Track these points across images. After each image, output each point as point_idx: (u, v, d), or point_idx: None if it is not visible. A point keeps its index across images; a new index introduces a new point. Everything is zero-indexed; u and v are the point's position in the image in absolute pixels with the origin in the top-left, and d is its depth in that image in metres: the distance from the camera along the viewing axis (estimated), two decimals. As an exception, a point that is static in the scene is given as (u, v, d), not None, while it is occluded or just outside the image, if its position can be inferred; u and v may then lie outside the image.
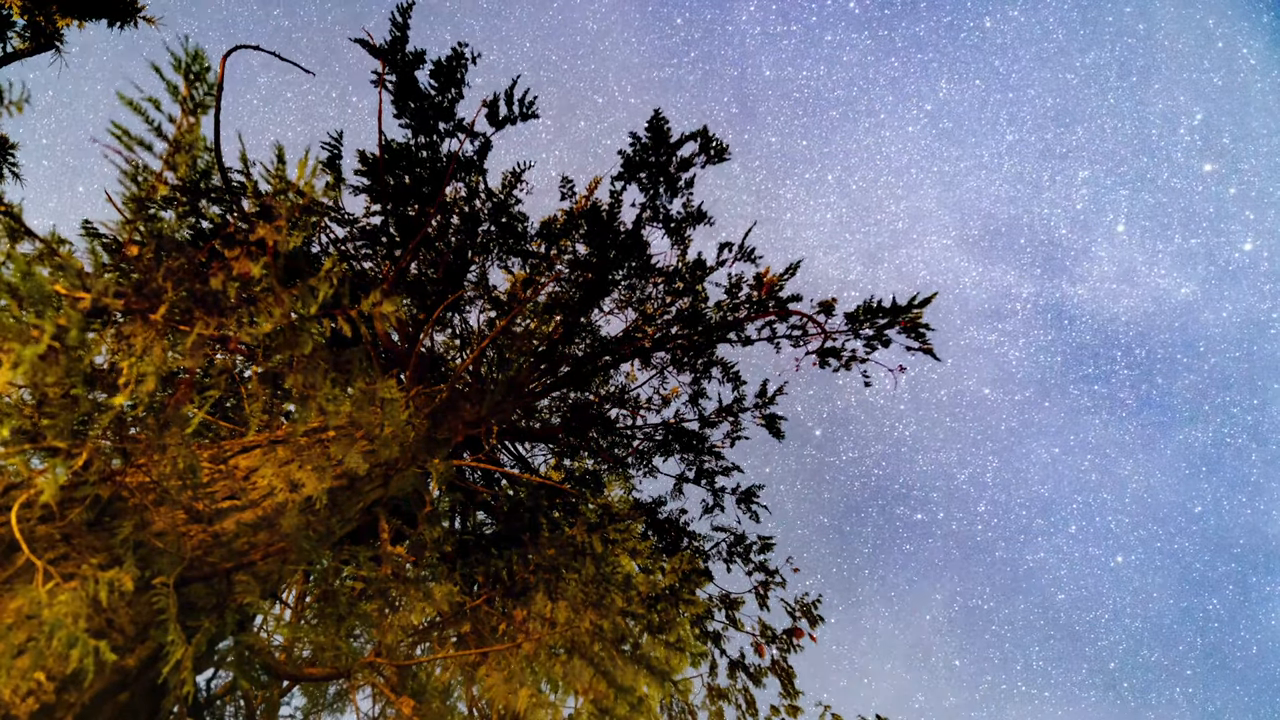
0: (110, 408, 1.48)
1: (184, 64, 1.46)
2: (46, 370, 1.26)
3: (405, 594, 3.12)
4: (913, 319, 4.49)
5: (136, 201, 1.46)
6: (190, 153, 1.50)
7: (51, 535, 1.47)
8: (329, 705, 4.26)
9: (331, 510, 2.42)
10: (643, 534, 5.67)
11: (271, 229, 1.49)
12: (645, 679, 3.29)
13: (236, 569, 1.82)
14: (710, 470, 6.02)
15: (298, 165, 1.47)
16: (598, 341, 5.78)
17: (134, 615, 1.48)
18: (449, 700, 3.49)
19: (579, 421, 6.03)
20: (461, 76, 4.21)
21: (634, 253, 5.22)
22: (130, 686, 1.44)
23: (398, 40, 3.98)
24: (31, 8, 3.61)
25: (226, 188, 3.13)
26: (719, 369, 5.88)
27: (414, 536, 3.32)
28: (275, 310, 1.53)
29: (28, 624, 1.28)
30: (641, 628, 3.58)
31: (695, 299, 5.41)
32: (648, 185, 4.91)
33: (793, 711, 4.26)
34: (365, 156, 4.35)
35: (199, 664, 1.77)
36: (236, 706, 3.45)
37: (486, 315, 5.59)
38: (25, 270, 1.19)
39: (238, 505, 2.02)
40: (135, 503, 1.70)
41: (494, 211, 4.99)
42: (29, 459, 1.40)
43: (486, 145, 4.55)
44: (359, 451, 2.52)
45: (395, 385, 2.26)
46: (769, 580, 5.32)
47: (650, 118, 4.61)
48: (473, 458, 4.70)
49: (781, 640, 4.85)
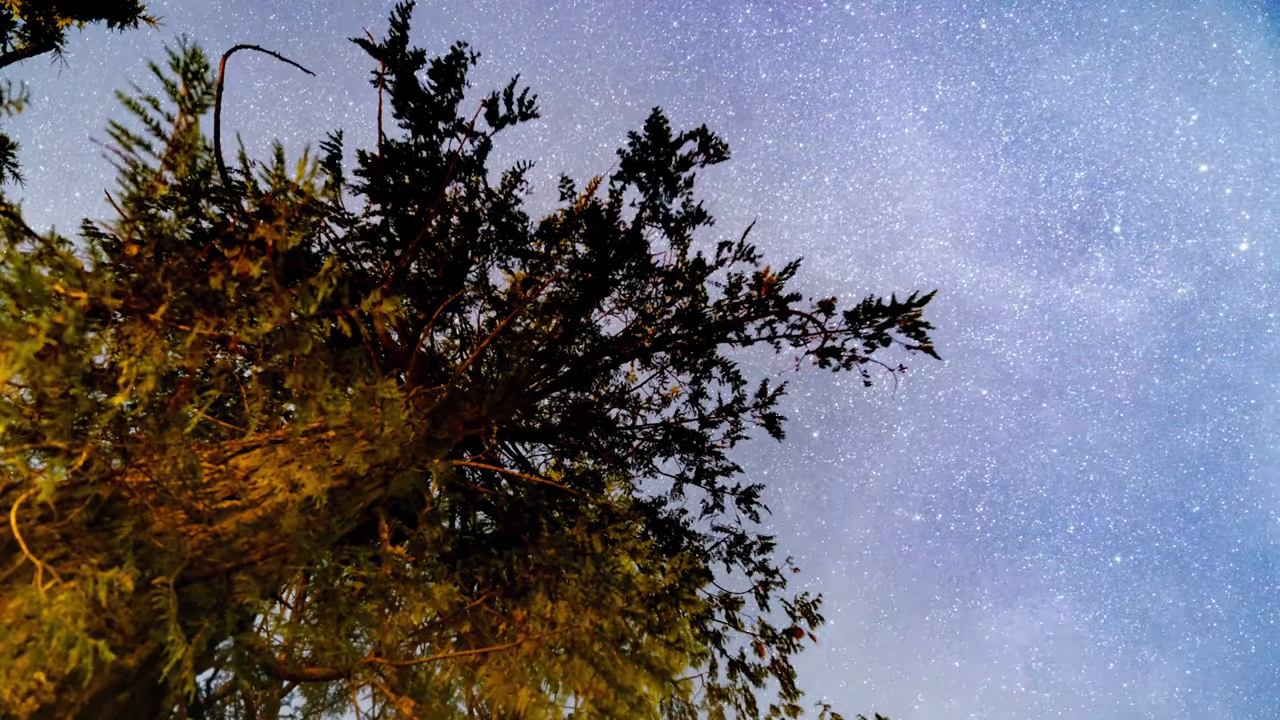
0: (110, 407, 1.48)
1: (182, 63, 1.46)
2: (45, 369, 1.26)
3: (405, 594, 3.12)
4: (912, 318, 4.49)
5: (136, 201, 1.45)
6: (189, 152, 1.50)
7: (51, 535, 1.47)
8: (329, 705, 4.26)
9: (331, 510, 2.42)
10: (643, 534, 5.67)
11: (271, 229, 1.49)
12: (645, 679, 3.29)
13: (236, 569, 1.82)
14: (710, 470, 6.01)
15: (297, 165, 1.47)
16: (598, 341, 5.78)
17: (134, 615, 1.48)
18: (449, 700, 3.49)
19: (579, 421, 6.03)
20: (461, 76, 4.21)
21: (634, 252, 5.22)
22: (130, 686, 1.44)
23: (397, 40, 3.97)
24: (31, 8, 3.61)
25: (226, 187, 3.13)
26: (719, 369, 5.88)
27: (414, 536, 3.32)
28: (275, 310, 1.53)
29: (27, 624, 1.28)
30: (641, 627, 3.57)
31: (695, 298, 5.41)
32: (647, 185, 4.90)
33: (793, 711, 4.26)
34: (365, 156, 4.35)
35: (199, 664, 1.77)
36: (236, 706, 3.45)
37: (486, 315, 5.59)
38: (23, 269, 1.19)
39: (238, 505, 2.02)
40: (135, 503, 1.70)
41: (494, 211, 4.99)
42: (28, 459, 1.40)
43: (486, 145, 4.55)
44: (359, 451, 2.52)
45: (395, 385, 2.26)
46: (769, 580, 5.32)
47: (649, 117, 4.61)
48: (473, 458, 4.70)
49: (781, 640, 4.85)
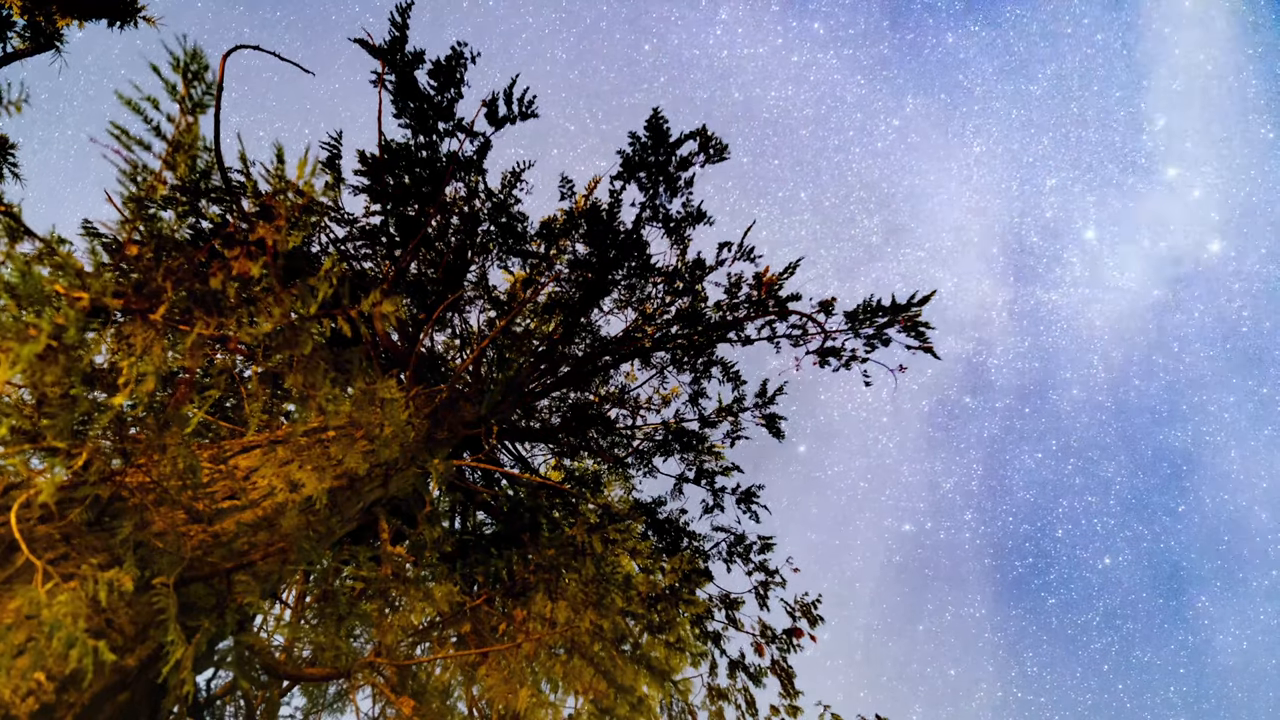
0: (110, 407, 1.48)
1: (182, 63, 1.46)
2: (45, 370, 1.26)
3: (405, 594, 3.12)
4: (912, 318, 4.49)
5: (136, 201, 1.45)
6: (190, 152, 1.50)
7: (51, 535, 1.47)
8: (329, 705, 4.26)
9: (331, 510, 2.42)
10: (643, 534, 5.67)
11: (271, 229, 1.49)
12: (645, 679, 3.29)
13: (236, 569, 1.82)
14: (710, 470, 6.01)
15: (297, 165, 1.47)
16: (598, 341, 5.78)
17: (134, 615, 1.48)
18: (449, 700, 3.49)
19: (579, 421, 6.03)
20: (461, 76, 4.21)
21: (634, 252, 5.22)
22: (130, 686, 1.44)
23: (397, 40, 3.97)
24: (31, 8, 3.61)
25: (226, 187, 3.13)
26: (719, 369, 5.87)
27: (414, 536, 3.32)
28: (275, 310, 1.53)
29: (27, 624, 1.28)
30: (641, 627, 3.57)
31: (695, 298, 5.41)
32: (647, 185, 4.90)
33: (793, 711, 4.26)
34: (365, 156, 4.35)
35: (199, 664, 1.77)
36: (236, 706, 3.45)
37: (486, 315, 5.59)
38: (24, 269, 1.19)
39: (238, 505, 2.02)
40: (135, 503, 1.70)
41: (494, 211, 4.99)
42: (28, 459, 1.40)
43: (486, 145, 4.55)
44: (359, 451, 2.52)
45: (395, 385, 2.26)
46: (769, 580, 5.32)
47: (649, 117, 4.61)
48: (473, 458, 4.70)
49: (781, 640, 4.85)
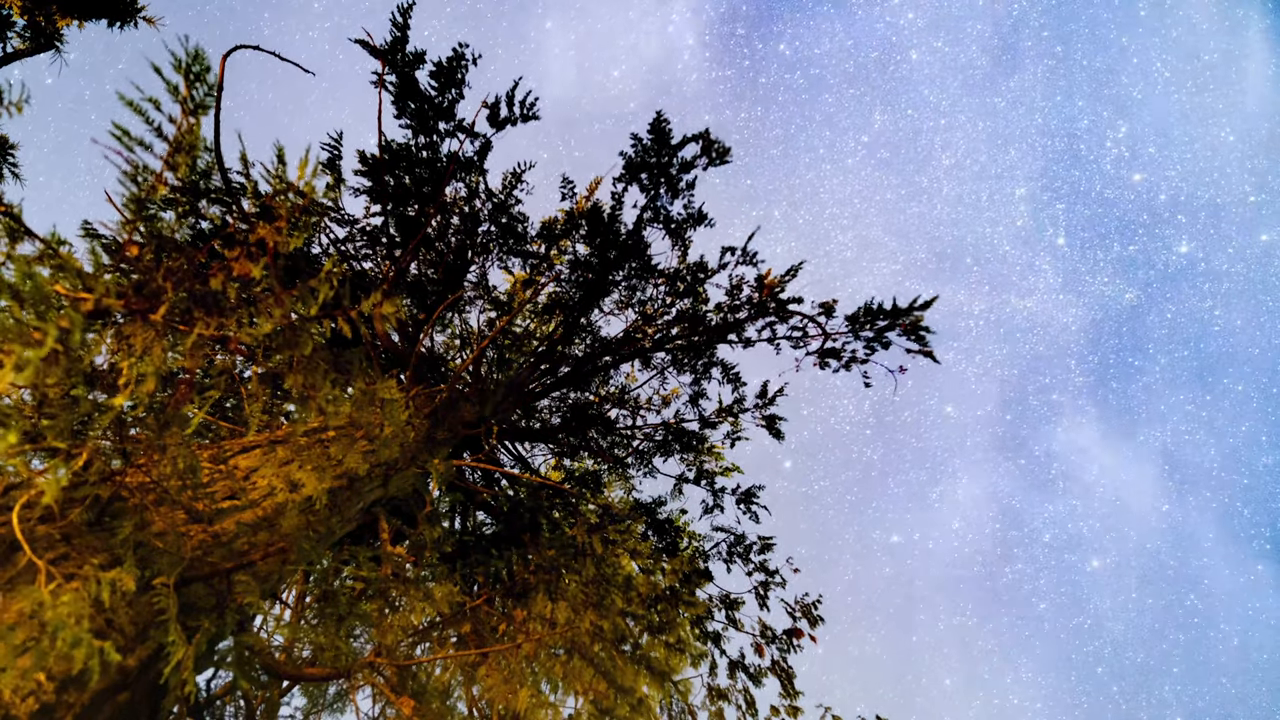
0: (110, 408, 1.48)
1: (184, 64, 1.46)
2: (47, 371, 1.26)
3: (405, 594, 3.12)
4: (914, 322, 4.49)
5: (136, 202, 1.46)
6: (191, 153, 1.50)
7: (52, 535, 1.47)
8: (329, 705, 4.26)
9: (331, 510, 2.42)
10: (643, 534, 5.67)
11: (272, 229, 1.49)
12: (645, 679, 3.29)
13: (236, 569, 1.82)
14: (710, 471, 6.01)
15: (298, 165, 1.47)
16: (598, 342, 5.78)
17: (134, 615, 1.48)
18: (449, 700, 3.49)
19: (579, 421, 6.03)
20: (462, 77, 4.21)
21: (634, 253, 5.22)
22: (130, 686, 1.44)
23: (398, 41, 3.98)
24: (31, 8, 3.61)
25: (227, 188, 3.13)
26: (719, 370, 5.88)
27: (414, 536, 3.32)
28: (275, 311, 1.53)
29: (29, 624, 1.28)
30: (641, 628, 3.57)
31: (696, 300, 5.41)
32: (649, 186, 4.91)
33: (793, 712, 4.26)
34: (365, 157, 4.35)
35: (199, 664, 1.77)
36: (236, 706, 3.45)
37: (486, 315, 5.59)
38: (27, 272, 1.19)
39: (238, 505, 2.02)
40: (135, 503, 1.70)
41: (494, 212, 4.99)
42: (30, 459, 1.40)
43: (486, 146, 4.55)
44: (359, 452, 2.52)
45: (395, 385, 2.26)
46: (769, 580, 5.32)
47: (652, 120, 4.61)
48: (473, 458, 4.70)
49: (782, 640, 4.85)
